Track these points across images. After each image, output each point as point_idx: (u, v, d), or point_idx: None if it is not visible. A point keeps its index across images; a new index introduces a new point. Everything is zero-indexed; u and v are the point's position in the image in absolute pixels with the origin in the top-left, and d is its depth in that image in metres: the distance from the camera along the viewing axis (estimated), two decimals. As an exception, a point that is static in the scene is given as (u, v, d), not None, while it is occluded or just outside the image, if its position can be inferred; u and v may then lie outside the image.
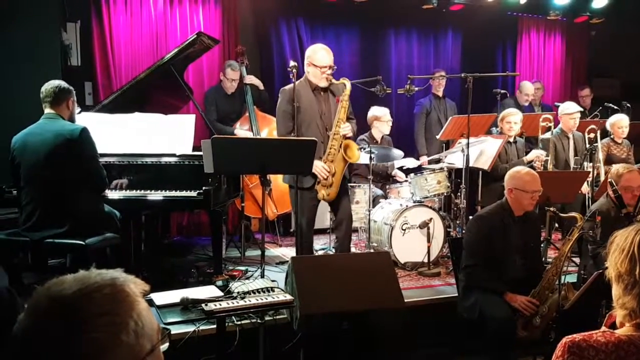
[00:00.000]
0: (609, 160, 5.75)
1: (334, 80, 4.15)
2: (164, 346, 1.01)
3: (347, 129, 4.13)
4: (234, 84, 5.65)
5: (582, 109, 5.91)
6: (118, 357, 0.89)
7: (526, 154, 5.55)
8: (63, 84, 3.69)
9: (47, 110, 3.65)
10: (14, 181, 3.72)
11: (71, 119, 3.70)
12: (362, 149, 4.74)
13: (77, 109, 3.86)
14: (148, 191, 4.09)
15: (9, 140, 3.67)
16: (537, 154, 5.45)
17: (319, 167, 4.06)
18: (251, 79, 5.69)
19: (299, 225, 4.21)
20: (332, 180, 4.12)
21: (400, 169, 5.98)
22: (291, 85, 4.13)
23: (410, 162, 5.97)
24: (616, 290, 1.52)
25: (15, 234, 3.63)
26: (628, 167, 4.02)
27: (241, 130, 5.54)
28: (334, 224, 4.49)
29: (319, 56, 4.13)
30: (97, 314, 0.89)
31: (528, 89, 6.83)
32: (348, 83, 4.11)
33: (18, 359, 0.89)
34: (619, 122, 5.92)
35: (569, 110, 5.77)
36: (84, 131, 3.57)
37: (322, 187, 4.13)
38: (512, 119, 5.47)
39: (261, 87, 5.79)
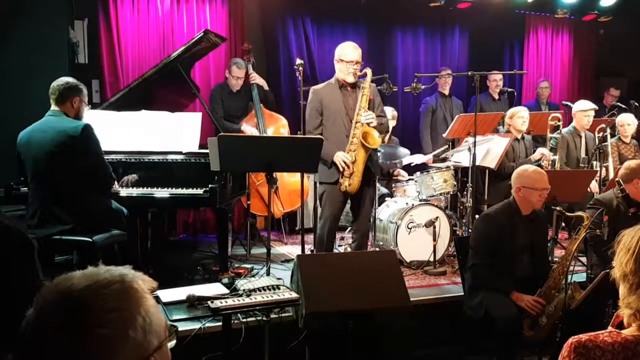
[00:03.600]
0: (621, 161, 5.71)
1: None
2: (171, 343, 1.01)
3: (369, 117, 4.08)
4: (239, 81, 5.65)
5: (596, 107, 5.88)
6: (126, 353, 0.89)
7: (533, 152, 5.53)
8: (72, 81, 3.66)
9: (52, 107, 3.63)
10: (21, 178, 3.73)
11: (77, 118, 3.66)
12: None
13: (87, 108, 3.84)
14: (155, 189, 4.10)
15: (16, 137, 3.67)
16: (542, 152, 5.43)
17: (339, 156, 4.04)
18: (255, 78, 5.68)
19: (324, 220, 4.22)
20: (354, 169, 4.06)
21: (409, 166, 5.95)
22: (320, 85, 4.29)
23: (418, 158, 5.96)
24: (622, 290, 1.52)
25: (23, 230, 3.64)
26: (637, 161, 4.03)
27: (247, 127, 5.54)
28: (352, 224, 4.45)
29: (346, 51, 4.21)
30: (106, 310, 0.89)
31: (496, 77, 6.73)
32: (369, 71, 4.21)
33: (27, 355, 0.90)
34: (622, 121, 5.94)
35: (584, 107, 5.74)
36: (87, 128, 3.55)
37: (345, 178, 4.08)
38: (524, 115, 5.47)
39: (266, 87, 5.77)
